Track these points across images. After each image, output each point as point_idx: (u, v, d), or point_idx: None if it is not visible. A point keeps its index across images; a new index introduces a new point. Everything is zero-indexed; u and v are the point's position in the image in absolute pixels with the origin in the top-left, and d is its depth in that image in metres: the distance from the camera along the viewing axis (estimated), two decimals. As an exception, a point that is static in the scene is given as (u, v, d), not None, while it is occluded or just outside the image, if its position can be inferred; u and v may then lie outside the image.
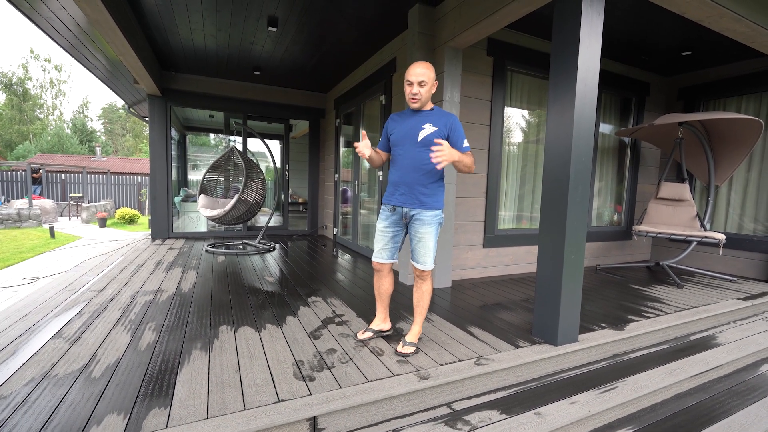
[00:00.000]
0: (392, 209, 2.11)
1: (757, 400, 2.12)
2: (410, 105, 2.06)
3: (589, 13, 2.11)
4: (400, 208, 2.08)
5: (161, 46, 4.66)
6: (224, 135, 8.43)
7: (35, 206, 9.90)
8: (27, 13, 3.59)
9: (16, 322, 2.43)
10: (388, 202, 2.13)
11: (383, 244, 2.17)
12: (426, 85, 2.00)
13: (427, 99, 2.05)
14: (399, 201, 2.08)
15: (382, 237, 2.17)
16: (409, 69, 2.03)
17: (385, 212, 2.16)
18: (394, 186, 2.10)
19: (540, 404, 1.86)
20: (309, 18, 3.76)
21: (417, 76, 1.98)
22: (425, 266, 2.09)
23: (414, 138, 2.04)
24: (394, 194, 2.10)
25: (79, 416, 1.49)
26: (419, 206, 2.05)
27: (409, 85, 2.01)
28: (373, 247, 2.21)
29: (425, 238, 2.06)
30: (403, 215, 2.10)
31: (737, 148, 4.10)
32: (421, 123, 2.04)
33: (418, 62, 2.02)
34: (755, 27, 2.82)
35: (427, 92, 2.02)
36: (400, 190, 2.07)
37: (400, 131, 2.09)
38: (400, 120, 2.14)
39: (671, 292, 3.59)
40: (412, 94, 2.02)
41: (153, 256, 4.56)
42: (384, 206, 2.16)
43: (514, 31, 3.82)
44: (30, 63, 30.76)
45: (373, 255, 2.21)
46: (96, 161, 19.21)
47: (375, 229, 2.24)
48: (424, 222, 2.05)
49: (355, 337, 2.32)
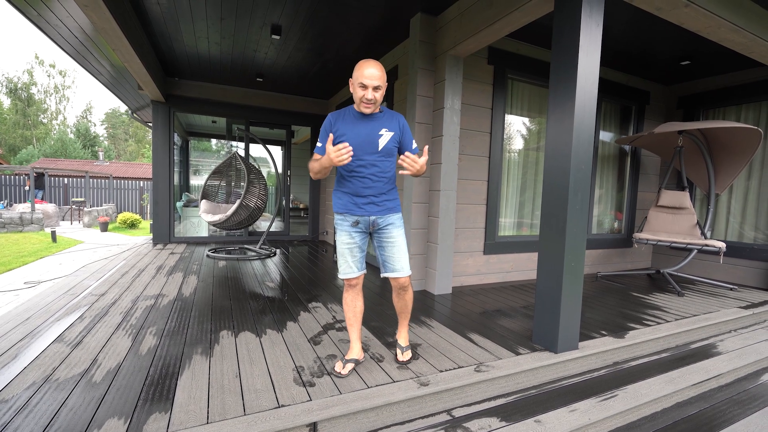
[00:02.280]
0: (356, 222, 1.94)
1: (758, 409, 2.11)
2: (362, 110, 1.85)
3: (588, 23, 2.14)
4: (366, 217, 1.93)
5: (165, 53, 4.72)
6: (226, 140, 8.49)
7: (37, 210, 9.94)
8: (34, 21, 3.65)
9: (18, 326, 2.44)
10: (349, 212, 1.93)
11: (352, 258, 1.96)
12: (380, 89, 1.81)
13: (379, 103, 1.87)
14: (366, 211, 1.92)
15: (350, 250, 1.96)
16: (361, 66, 1.78)
17: (346, 224, 1.95)
18: (355, 196, 1.91)
19: (540, 412, 1.86)
20: (312, 26, 3.81)
21: (373, 80, 1.77)
22: (405, 272, 1.98)
23: (374, 146, 1.87)
24: (358, 204, 1.91)
25: (80, 420, 1.50)
26: (387, 212, 1.95)
27: (363, 88, 1.79)
28: (340, 266, 1.98)
29: (399, 241, 1.97)
30: (369, 224, 1.96)
31: (737, 157, 4.12)
32: (377, 129, 1.87)
33: (371, 61, 1.79)
34: (753, 37, 2.85)
35: (380, 97, 1.83)
36: (366, 200, 1.91)
37: (354, 138, 1.85)
38: (348, 124, 1.88)
39: (672, 300, 3.59)
40: (366, 100, 1.80)
41: (154, 261, 4.58)
42: (343, 217, 1.95)
43: (514, 40, 3.87)
44: (35, 68, 31.11)
45: (342, 272, 1.98)
46: (98, 166, 19.32)
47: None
48: (395, 224, 1.98)
49: (338, 369, 1.96)
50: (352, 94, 1.86)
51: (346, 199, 1.94)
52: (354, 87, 1.82)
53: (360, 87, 1.80)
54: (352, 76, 1.83)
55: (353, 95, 1.86)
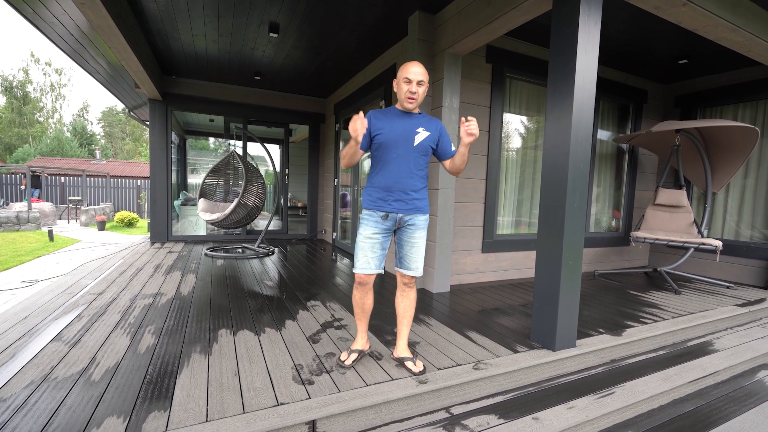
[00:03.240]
0: (385, 216, 1.95)
1: (754, 406, 2.13)
2: (406, 104, 1.93)
3: (587, 22, 2.14)
4: (394, 214, 1.95)
5: (163, 51, 4.70)
6: (224, 139, 8.47)
7: (34, 209, 9.90)
8: (30, 18, 3.62)
9: (15, 325, 2.43)
10: (379, 208, 1.95)
11: (373, 253, 1.95)
12: (423, 86, 1.91)
13: (421, 101, 1.95)
14: (394, 207, 1.94)
15: (371, 245, 1.95)
16: (406, 66, 1.91)
17: (373, 219, 1.96)
18: (385, 191, 1.94)
19: (538, 409, 1.87)
20: (310, 24, 3.80)
21: (416, 75, 1.88)
22: (418, 272, 2.01)
23: (410, 142, 1.93)
24: (387, 200, 1.94)
25: (78, 419, 1.50)
26: (414, 211, 1.97)
27: (408, 83, 1.89)
28: (357, 260, 1.96)
29: (419, 243, 1.99)
30: (396, 221, 1.97)
31: (734, 156, 4.14)
32: (415, 126, 1.94)
33: (416, 62, 1.93)
34: (750, 37, 2.86)
35: (423, 94, 1.92)
36: (395, 195, 1.93)
37: (391, 133, 1.91)
38: (387, 120, 1.95)
39: (669, 298, 3.61)
40: (410, 93, 1.89)
41: (152, 260, 4.56)
42: (371, 213, 1.97)
43: (513, 38, 3.87)
44: (30, 66, 30.90)
45: (359, 267, 1.95)
46: (95, 164, 19.23)
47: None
48: (419, 227, 1.99)
49: (343, 359, 2.03)
50: (397, 92, 1.97)
51: (377, 195, 1.96)
52: (399, 84, 1.94)
53: (405, 82, 1.90)
54: (396, 76, 1.97)
55: (398, 93, 1.96)
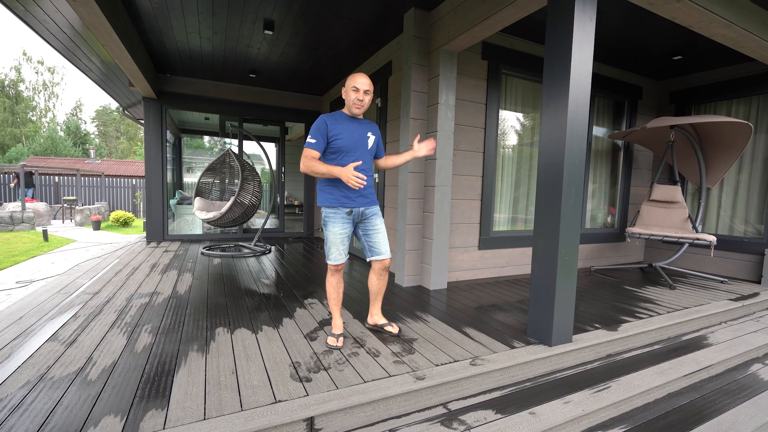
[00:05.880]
0: (350, 212, 2.23)
1: (747, 399, 2.16)
2: (354, 110, 2.20)
3: (582, 18, 2.15)
4: (357, 208, 2.23)
5: (157, 49, 4.66)
6: (220, 137, 8.42)
7: (28, 209, 9.81)
8: (21, 16, 3.58)
9: (11, 325, 2.41)
10: (343, 205, 2.20)
11: (343, 246, 2.25)
12: (369, 95, 2.19)
13: (366, 108, 2.23)
14: (358, 203, 2.22)
15: (342, 239, 2.24)
16: (354, 77, 2.18)
17: (339, 216, 2.22)
18: (348, 190, 2.19)
19: (534, 404, 1.88)
20: (305, 21, 3.78)
21: (363, 85, 2.16)
22: (389, 255, 2.33)
23: (365, 145, 2.24)
24: (351, 197, 2.20)
25: (75, 418, 1.49)
26: (373, 204, 2.31)
27: (356, 91, 2.16)
28: (331, 253, 2.24)
29: (382, 228, 2.32)
30: (358, 215, 2.26)
31: (728, 151, 4.17)
32: (365, 131, 2.26)
33: (363, 74, 2.20)
34: (743, 32, 2.88)
35: (368, 102, 2.20)
36: (357, 193, 2.20)
37: (349, 138, 2.18)
38: (341, 125, 2.19)
39: (664, 293, 3.64)
40: (358, 100, 2.16)
41: (148, 259, 4.54)
42: (336, 210, 2.21)
43: (508, 35, 3.87)
44: (23, 65, 30.55)
45: (334, 259, 2.23)
46: (90, 164, 19.08)
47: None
48: (378, 215, 2.33)
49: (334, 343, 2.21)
50: (345, 98, 2.23)
51: (339, 193, 2.20)
52: (347, 92, 2.20)
53: (353, 90, 2.17)
54: (344, 84, 2.22)
55: (346, 99, 2.22)
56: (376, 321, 2.47)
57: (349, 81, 2.19)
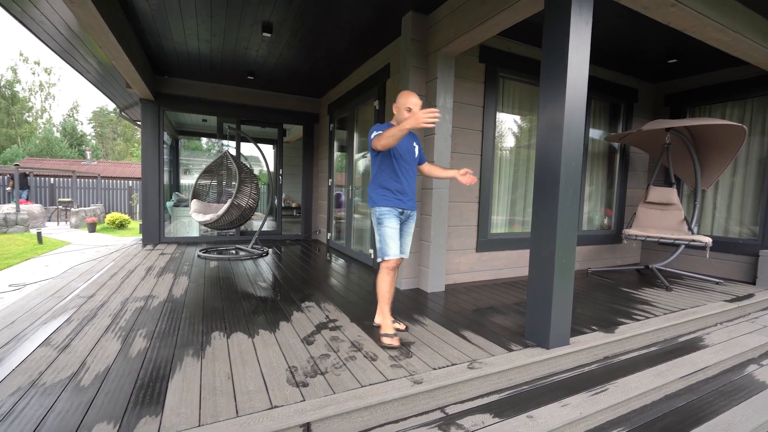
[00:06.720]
0: (401, 212, 2.43)
1: (743, 400, 2.16)
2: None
3: (578, 22, 2.16)
4: (406, 211, 2.45)
5: (154, 51, 4.64)
6: (217, 139, 8.40)
7: (22, 211, 9.73)
8: (18, 17, 3.56)
9: (2, 330, 2.39)
10: (396, 206, 2.40)
11: (395, 242, 2.39)
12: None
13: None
14: (407, 205, 2.44)
15: (395, 234, 2.40)
16: (408, 97, 2.33)
17: (393, 214, 2.41)
18: (400, 193, 2.40)
19: (532, 407, 1.87)
20: (303, 24, 3.78)
21: (417, 105, 2.32)
22: (408, 254, 2.54)
23: (413, 155, 2.47)
24: (402, 200, 2.41)
25: (67, 425, 1.47)
26: (415, 208, 2.52)
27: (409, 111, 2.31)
28: (389, 248, 2.37)
29: (412, 231, 2.55)
30: (405, 216, 2.48)
31: (722, 154, 4.20)
32: (411, 141, 2.47)
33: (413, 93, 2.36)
34: (737, 36, 2.91)
35: None
36: (408, 196, 2.43)
37: (402, 146, 2.39)
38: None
39: (660, 295, 3.65)
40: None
41: (144, 262, 4.51)
42: (391, 209, 2.40)
43: (505, 38, 3.88)
44: (19, 66, 30.40)
45: (392, 253, 2.37)
46: (86, 165, 18.97)
47: (369, 233, 2.32)
48: (414, 218, 2.54)
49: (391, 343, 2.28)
50: (396, 115, 2.40)
51: (392, 195, 2.40)
52: (400, 110, 2.36)
53: (406, 110, 2.33)
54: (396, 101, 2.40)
55: (398, 115, 2.39)
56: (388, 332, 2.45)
57: (402, 101, 2.35)
